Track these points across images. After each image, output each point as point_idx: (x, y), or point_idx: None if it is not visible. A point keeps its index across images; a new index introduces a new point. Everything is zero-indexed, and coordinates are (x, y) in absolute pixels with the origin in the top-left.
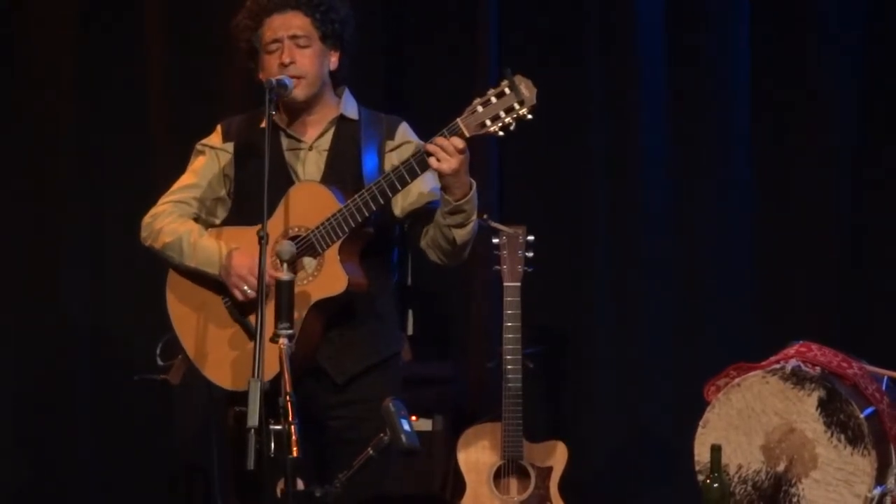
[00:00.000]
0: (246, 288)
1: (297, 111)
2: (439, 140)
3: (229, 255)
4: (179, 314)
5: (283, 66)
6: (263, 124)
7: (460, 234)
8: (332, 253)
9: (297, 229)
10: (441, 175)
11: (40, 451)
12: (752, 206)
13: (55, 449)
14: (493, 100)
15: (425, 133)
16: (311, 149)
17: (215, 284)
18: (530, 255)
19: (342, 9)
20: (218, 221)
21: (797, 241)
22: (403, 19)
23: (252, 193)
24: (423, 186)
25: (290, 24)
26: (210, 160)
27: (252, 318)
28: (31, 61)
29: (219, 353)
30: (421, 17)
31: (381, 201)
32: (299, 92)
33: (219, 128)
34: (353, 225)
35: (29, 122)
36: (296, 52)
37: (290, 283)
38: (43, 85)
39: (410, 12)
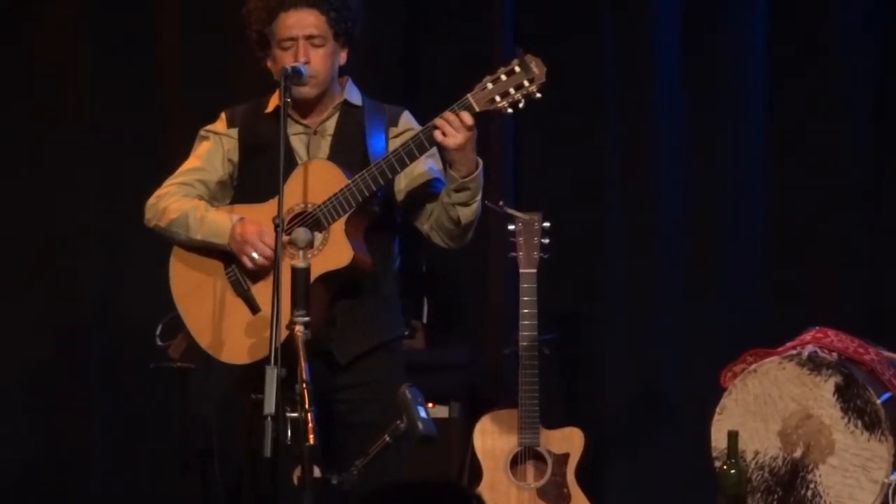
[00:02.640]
0: (254, 254)
1: (304, 104)
2: (447, 115)
3: (237, 224)
4: (181, 291)
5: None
6: (268, 110)
7: (465, 214)
8: (338, 227)
9: (303, 205)
10: (447, 150)
11: (53, 437)
12: (766, 193)
13: (68, 433)
14: (504, 77)
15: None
16: (315, 133)
17: (220, 258)
18: (546, 241)
19: (354, 5)
20: (220, 206)
21: (813, 225)
22: (419, 5)
23: (256, 178)
24: (423, 167)
25: (305, 23)
26: (214, 145)
27: (255, 292)
28: (41, 48)
29: (221, 328)
30: (436, 4)
31: (390, 176)
32: (310, 90)
33: (223, 115)
34: (360, 200)
35: (41, 108)
36: (311, 52)
37: (306, 271)
38: (55, 70)
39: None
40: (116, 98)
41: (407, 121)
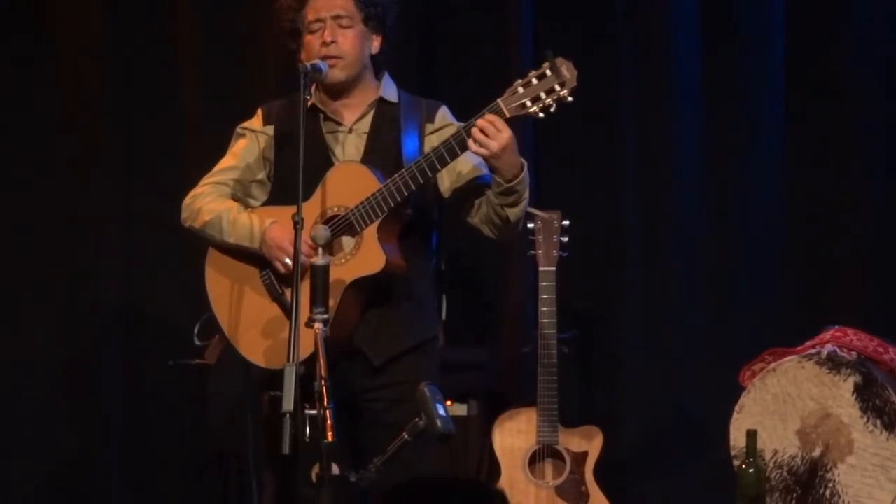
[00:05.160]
0: (287, 259)
1: (337, 94)
2: (480, 122)
3: (268, 229)
4: (218, 293)
5: (325, 45)
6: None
7: (513, 212)
8: (371, 232)
9: (336, 209)
10: (486, 158)
11: (72, 437)
12: (784, 192)
13: (86, 435)
14: (534, 81)
15: (460, 118)
16: (350, 131)
17: (255, 261)
18: (565, 239)
19: None
20: (257, 203)
21: (832, 224)
22: (435, 4)
23: (292, 176)
24: (468, 164)
25: (333, 5)
26: (250, 143)
27: (289, 296)
28: (57, 48)
29: (256, 331)
30: (452, 3)
31: (421, 181)
32: (338, 72)
33: (259, 111)
34: (393, 204)
35: (62, 105)
36: (338, 32)
37: (326, 268)
38: (75, 69)
39: None
40: (133, 95)
41: (444, 117)
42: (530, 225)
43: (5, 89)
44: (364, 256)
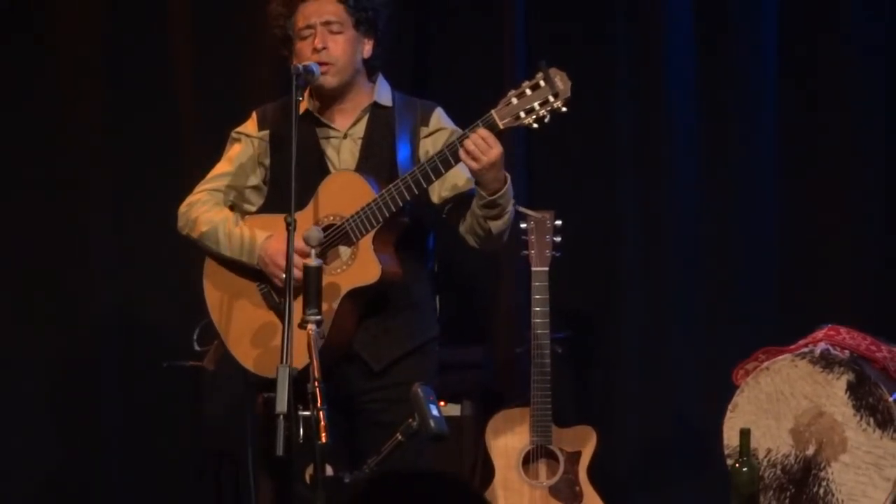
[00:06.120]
0: (284, 274)
1: (330, 99)
2: (474, 136)
3: (264, 245)
4: (216, 301)
5: (316, 51)
6: (299, 112)
7: (496, 225)
8: (367, 242)
9: (331, 218)
10: (473, 170)
11: (69, 440)
12: (778, 191)
13: (83, 437)
14: (528, 92)
15: (455, 118)
16: (345, 137)
17: (252, 271)
18: (558, 239)
19: None
20: (253, 209)
21: (825, 223)
22: (429, 5)
23: (287, 180)
24: (462, 175)
25: (323, 11)
26: (245, 148)
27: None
28: (56, 52)
29: (254, 339)
30: (447, 4)
31: (416, 191)
32: (330, 78)
33: (254, 115)
34: (388, 214)
35: (57, 108)
36: (328, 38)
37: (319, 270)
38: (69, 73)
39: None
40: (132, 96)
41: (438, 119)
42: (523, 225)
43: (5, 89)
44: (360, 267)
